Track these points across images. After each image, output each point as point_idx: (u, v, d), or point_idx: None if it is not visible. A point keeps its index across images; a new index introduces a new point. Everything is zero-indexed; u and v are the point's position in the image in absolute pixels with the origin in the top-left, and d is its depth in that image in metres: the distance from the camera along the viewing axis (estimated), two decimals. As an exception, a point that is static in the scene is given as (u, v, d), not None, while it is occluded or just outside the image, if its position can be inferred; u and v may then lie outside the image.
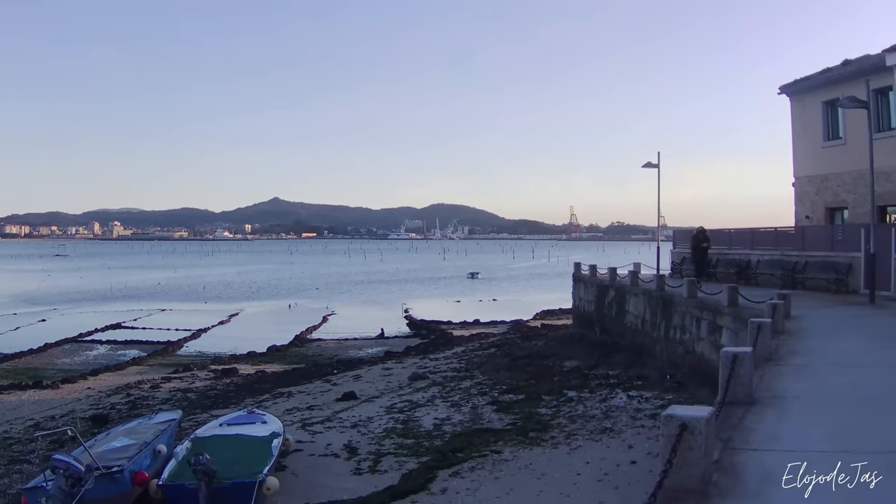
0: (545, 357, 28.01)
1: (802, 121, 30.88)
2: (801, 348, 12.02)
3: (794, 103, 31.62)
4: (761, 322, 10.59)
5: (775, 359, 10.67)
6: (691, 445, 5.38)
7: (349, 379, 28.19)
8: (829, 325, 15.89)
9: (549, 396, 21.66)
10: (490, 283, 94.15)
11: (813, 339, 13.29)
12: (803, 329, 14.60)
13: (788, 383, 9.20)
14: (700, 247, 28.36)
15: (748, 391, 8.07)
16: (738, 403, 7.88)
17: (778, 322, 13.41)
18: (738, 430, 7.05)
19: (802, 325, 15.34)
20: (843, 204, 28.73)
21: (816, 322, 16.04)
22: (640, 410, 19.14)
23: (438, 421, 19.83)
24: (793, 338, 13.23)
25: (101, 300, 73.08)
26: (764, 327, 10.43)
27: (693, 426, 5.38)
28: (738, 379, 7.89)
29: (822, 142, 29.68)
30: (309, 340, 45.35)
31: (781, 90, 31.91)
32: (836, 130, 29.23)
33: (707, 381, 19.80)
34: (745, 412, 7.66)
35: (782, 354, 11.14)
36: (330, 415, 21.74)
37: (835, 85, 28.39)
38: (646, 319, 25.71)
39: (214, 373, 32.95)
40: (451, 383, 25.16)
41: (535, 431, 17.89)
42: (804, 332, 14.31)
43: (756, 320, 10.81)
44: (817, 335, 13.96)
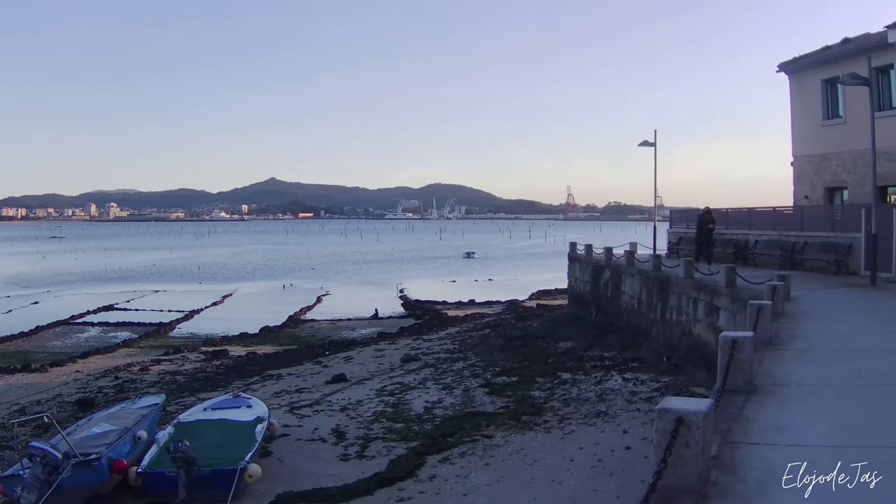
0: (540, 338, 27.59)
1: (801, 99, 30.31)
2: (801, 332, 11.56)
3: (793, 81, 31.02)
4: (761, 304, 10.12)
5: (776, 343, 10.21)
6: (688, 442, 4.91)
7: (340, 361, 27.76)
8: (830, 307, 15.45)
9: (542, 379, 21.25)
10: (486, 262, 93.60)
11: (814, 323, 12.84)
12: (804, 311, 14.16)
13: (790, 369, 8.74)
14: (706, 228, 27.05)
15: (748, 378, 7.61)
16: (737, 391, 7.43)
17: (778, 304, 12.95)
18: (737, 421, 6.59)
19: (803, 307, 14.89)
20: (843, 184, 28.23)
21: (817, 304, 15.60)
22: (635, 394, 18.72)
23: (429, 404, 19.42)
24: (793, 321, 12.77)
25: (94, 282, 72.42)
26: (764, 310, 9.96)
27: (690, 421, 4.91)
28: (738, 365, 7.43)
29: (821, 120, 29.13)
30: (302, 321, 44.86)
31: (780, 68, 31.31)
32: (835, 109, 28.68)
33: (704, 363, 19.41)
34: (744, 401, 7.20)
35: (783, 338, 10.68)
36: (319, 398, 21.32)
37: (834, 63, 27.81)
38: (642, 300, 25.28)
39: (205, 355, 32.48)
40: (444, 365, 24.74)
41: (528, 415, 17.48)
42: (805, 314, 13.86)
43: (756, 302, 10.34)
44: (818, 318, 13.51)
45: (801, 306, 15.05)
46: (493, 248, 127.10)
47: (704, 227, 27.04)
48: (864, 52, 24.71)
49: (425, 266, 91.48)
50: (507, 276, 72.84)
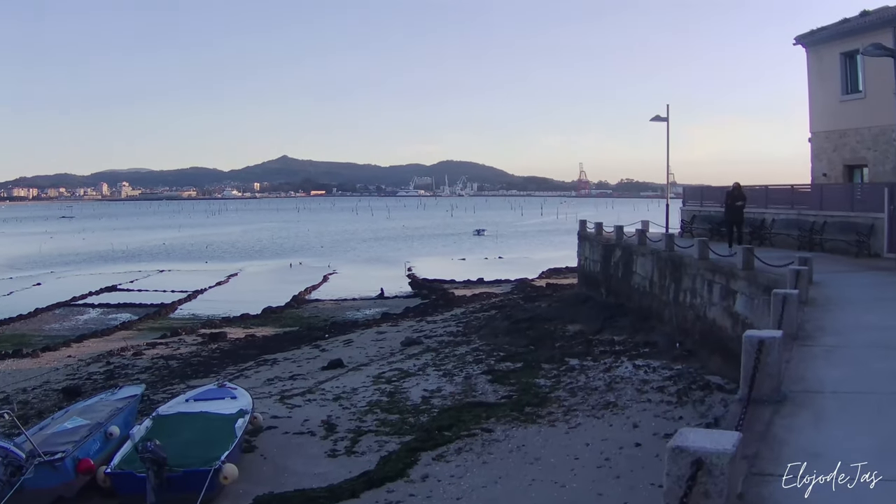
0: (547, 320, 26.45)
1: (819, 73, 28.81)
2: (830, 323, 10.33)
3: (810, 55, 29.49)
4: (787, 294, 8.91)
5: (802, 337, 9.00)
6: (708, 490, 3.74)
7: (339, 344, 26.74)
8: (857, 293, 14.15)
9: (549, 365, 20.13)
10: (496, 240, 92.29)
11: (842, 312, 11.58)
12: (829, 298, 12.88)
13: (822, 371, 7.55)
14: (734, 205, 24.02)
15: (775, 384, 6.44)
16: (764, 402, 6.26)
17: (803, 292, 11.74)
18: (766, 443, 5.42)
19: (827, 293, 13.62)
20: (863, 161, 26.83)
21: (842, 290, 14.29)
22: (646, 382, 17.58)
23: (427, 393, 18.36)
24: (819, 309, 11.53)
25: (99, 262, 71.64)
26: (790, 301, 8.74)
27: (712, 465, 3.74)
28: (765, 370, 6.26)
29: (839, 95, 27.66)
30: (306, 301, 43.97)
31: (797, 41, 29.78)
32: (854, 83, 27.21)
33: (719, 349, 18.25)
34: (773, 414, 6.03)
35: (810, 331, 9.47)
36: (312, 385, 20.30)
37: (853, 36, 26.33)
38: (654, 281, 24.04)
39: (203, 337, 31.60)
40: (446, 349, 23.67)
41: (532, 406, 16.40)
42: (831, 302, 12.59)
43: (781, 292, 9.11)
44: (846, 306, 12.24)
45: (825, 291, 13.78)
46: (505, 226, 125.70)
47: (733, 204, 24.16)
48: (885, 24, 23.55)
49: (435, 244, 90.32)
50: (517, 254, 71.67)
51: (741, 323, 17.17)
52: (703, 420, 14.31)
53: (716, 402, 15.51)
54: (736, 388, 16.73)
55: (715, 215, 29.82)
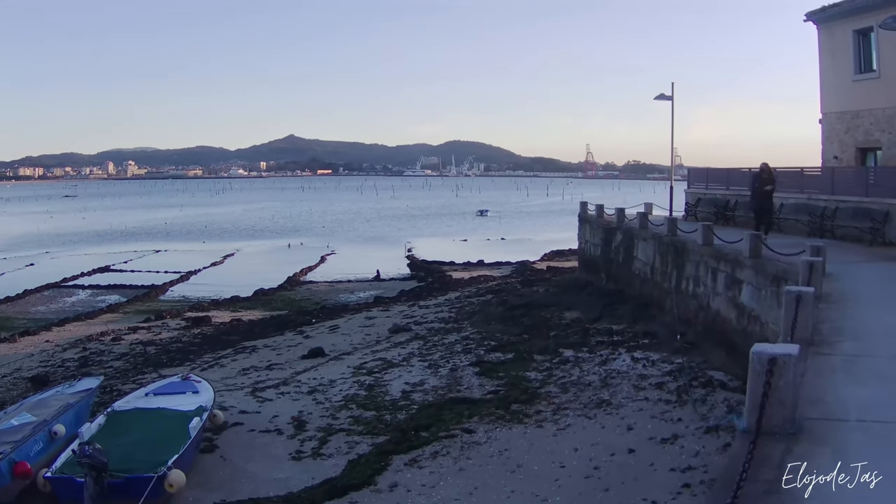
0: (544, 307, 25.16)
1: (831, 51, 27.29)
2: (848, 324, 9.02)
3: (821, 32, 27.92)
4: (801, 293, 7.58)
5: (818, 343, 7.70)
6: None
7: (325, 331, 25.53)
8: (876, 288, 12.77)
9: (541, 356, 18.88)
10: (500, 221, 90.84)
11: (861, 310, 10.25)
12: (845, 294, 11.55)
13: (844, 390, 6.26)
14: (762, 190, 20.86)
15: (789, 413, 5.13)
16: (775, 434, 4.96)
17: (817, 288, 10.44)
18: (776, 498, 4.12)
19: (842, 287, 12.27)
20: (876, 144, 25.39)
21: (859, 283, 12.93)
22: (644, 378, 16.30)
23: (409, 387, 17.14)
24: (834, 307, 10.22)
25: (97, 241, 70.57)
26: (805, 300, 7.43)
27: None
28: (777, 395, 4.94)
29: (852, 74, 26.16)
30: (300, 283, 42.91)
31: (808, 17, 28.22)
32: (868, 62, 25.72)
33: (723, 342, 16.98)
34: (785, 453, 4.75)
35: (826, 335, 8.17)
36: (289, 376, 19.13)
37: (867, 11, 24.84)
38: (655, 268, 22.71)
39: (187, 321, 30.52)
40: (435, 337, 22.44)
41: (520, 403, 15.17)
42: (847, 297, 11.26)
43: (794, 290, 7.76)
44: (864, 303, 10.90)
45: (840, 285, 12.42)
46: (510, 206, 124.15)
47: (761, 188, 20.92)
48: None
49: (438, 224, 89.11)
50: (520, 236, 70.40)
51: (747, 316, 15.88)
52: (704, 424, 13.04)
53: (718, 401, 14.24)
54: (740, 387, 15.53)
55: (720, 198, 28.41)
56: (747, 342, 16.00)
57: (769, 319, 14.49)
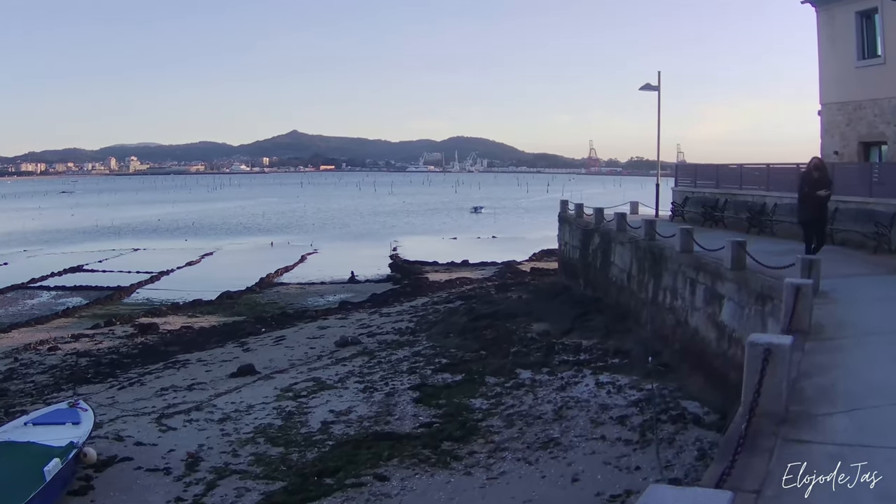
0: (511, 317, 22.72)
1: (830, 35, 24.74)
2: (843, 379, 6.48)
3: (820, 14, 25.35)
4: (770, 347, 5.04)
5: (794, 419, 5.20)
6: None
7: (269, 342, 23.18)
8: (881, 314, 9.91)
9: (495, 378, 16.47)
10: (494, 218, 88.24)
11: (862, 352, 7.64)
12: (842, 323, 8.97)
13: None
14: (814, 196, 14.63)
15: None
16: None
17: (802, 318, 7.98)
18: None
19: (838, 312, 9.67)
20: (881, 138, 22.80)
21: (860, 308, 10.26)
22: (605, 409, 13.87)
23: (332, 416, 14.78)
24: (826, 346, 7.71)
25: (79, 239, 68.28)
26: (777, 357, 4.97)
27: None
28: None
29: (854, 61, 23.60)
30: (272, 285, 40.67)
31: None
32: (872, 47, 23.17)
33: (701, 365, 14.57)
34: None
35: (809, 402, 5.67)
36: (206, 399, 16.78)
37: (871, -9, 22.36)
38: (632, 275, 20.25)
39: (136, 328, 28.28)
40: (384, 352, 20.04)
41: (452, 441, 12.76)
42: (843, 329, 8.70)
43: (761, 341, 5.16)
44: (867, 339, 8.26)
45: (835, 310, 9.82)
46: (508, 203, 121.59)
47: (812, 192, 14.66)
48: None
49: (431, 221, 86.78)
50: (512, 234, 68.03)
51: (728, 337, 13.45)
52: (667, 474, 10.62)
53: (688, 443, 11.82)
54: (716, 423, 13.09)
55: (709, 197, 25.84)
56: (728, 368, 13.61)
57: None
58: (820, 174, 15.04)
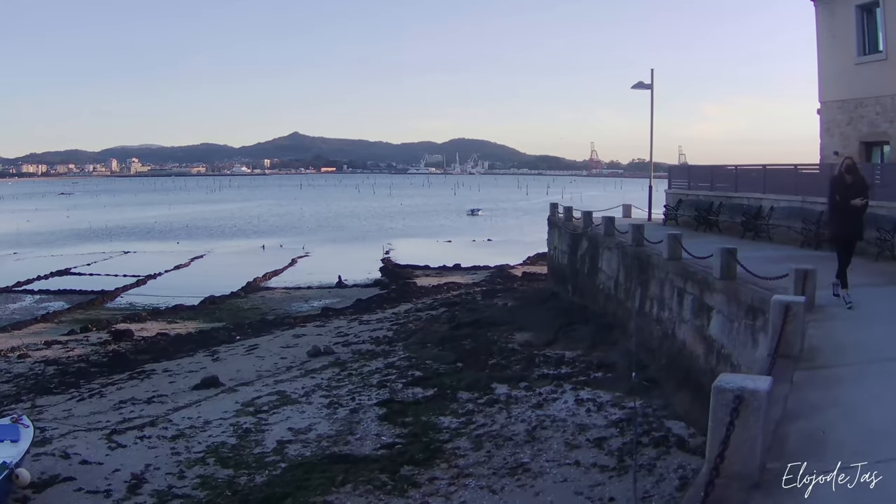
0: (494, 325, 21.66)
1: (830, 30, 23.67)
2: (836, 421, 5.25)
3: (819, 9, 24.29)
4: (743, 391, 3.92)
5: (769, 484, 4.15)
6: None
7: (241, 351, 22.12)
8: (885, 334, 8.54)
9: (468, 393, 15.42)
10: (491, 220, 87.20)
11: (861, 387, 6.34)
12: (839, 347, 7.81)
13: None
14: (848, 207, 11.69)
15: None
16: None
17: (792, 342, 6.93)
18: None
19: (836, 333, 8.53)
20: (883, 137, 21.66)
21: (861, 325, 9.08)
22: (583, 429, 12.81)
23: (291, 434, 13.74)
24: (819, 376, 6.58)
25: (70, 242, 67.17)
26: (751, 404, 3.93)
27: None
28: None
29: (855, 56, 22.50)
30: (257, 289, 39.62)
31: (804, -7, 24.61)
32: (874, 42, 22.07)
33: (688, 382, 13.51)
34: None
35: (793, 451, 4.60)
36: (162, 414, 15.76)
37: (873, -17, 21.30)
38: (619, 282, 19.19)
39: (111, 335, 27.31)
40: (356, 364, 18.98)
41: (413, 465, 11.73)
42: (841, 355, 7.48)
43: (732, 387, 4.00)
44: (868, 369, 7.03)
45: (833, 329, 8.71)
46: (507, 205, 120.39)
47: (844, 200, 11.67)
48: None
49: (427, 223, 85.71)
50: (508, 237, 66.94)
51: (716, 353, 12.39)
52: (643, 507, 9.57)
53: (670, 470, 10.77)
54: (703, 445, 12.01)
55: (703, 200, 24.75)
56: (715, 386, 12.58)
57: (742, 361, 11.04)
58: (854, 178, 11.87)
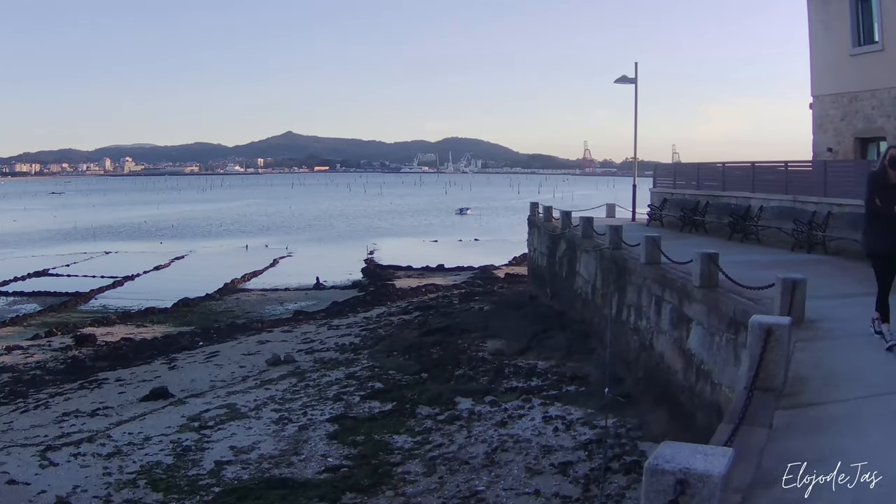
0: (465, 332, 20.49)
1: (823, 19, 22.55)
2: (825, 492, 4.18)
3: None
4: (687, 475, 2.87)
5: None
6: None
7: (201, 358, 20.95)
8: (887, 358, 7.17)
9: (428, 408, 14.27)
10: (479, 220, 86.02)
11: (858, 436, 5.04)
12: (831, 377, 6.49)
13: None
14: (891, 215, 7.60)
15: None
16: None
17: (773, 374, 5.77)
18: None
19: (827, 357, 7.24)
20: (880, 133, 20.51)
21: (857, 346, 7.67)
22: (548, 452, 11.66)
23: (232, 454, 12.59)
24: (805, 418, 5.24)
25: (53, 242, 65.82)
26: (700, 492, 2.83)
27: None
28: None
29: (850, 47, 21.34)
30: (234, 291, 38.45)
31: (796, -18, 23.49)
32: (869, 32, 20.92)
33: (665, 399, 12.39)
34: None
35: None
36: (103, 428, 14.63)
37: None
38: (596, 287, 18.04)
39: (75, 339, 26.17)
40: (316, 373, 17.81)
41: (357, 491, 10.57)
42: (833, 387, 6.14)
43: (673, 468, 2.94)
44: (865, 409, 5.66)
45: (825, 352, 7.45)
46: (498, 203, 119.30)
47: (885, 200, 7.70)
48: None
49: (415, 223, 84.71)
50: (496, 236, 66.02)
51: (696, 369, 11.25)
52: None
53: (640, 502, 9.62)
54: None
55: (689, 199, 23.60)
56: (694, 407, 11.43)
57: (723, 380, 9.92)
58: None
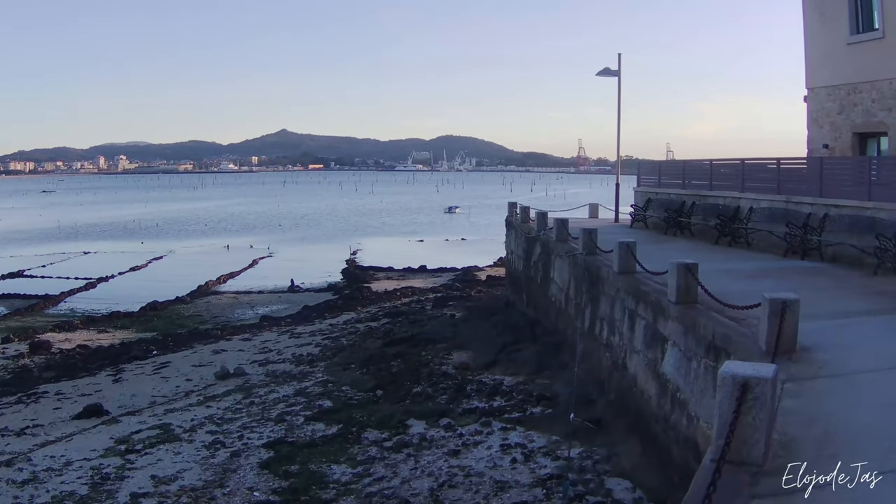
0: (430, 342, 19.05)
1: (819, 7, 21.09)
2: None
3: (806, -16, 21.79)
4: None
5: None
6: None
7: (149, 370, 19.52)
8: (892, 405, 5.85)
9: (377, 432, 12.83)
10: (468, 218, 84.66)
11: None
12: (828, 437, 4.98)
13: None
14: None
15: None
16: None
17: (751, 446, 4.30)
18: None
19: (820, 406, 5.72)
20: (880, 127, 19.06)
21: (858, 387, 6.28)
22: (501, 488, 10.23)
23: (152, 483, 11.24)
24: None
25: (33, 242, 64.39)
26: None
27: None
28: None
29: (847, 36, 19.85)
30: (206, 293, 37.04)
31: (790, -34, 22.07)
32: (868, 19, 19.41)
33: (639, 427, 10.97)
34: None
35: None
36: (25, 450, 13.24)
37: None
38: (569, 296, 16.57)
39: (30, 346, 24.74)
40: (264, 388, 16.37)
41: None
42: (832, 457, 4.58)
43: None
44: (875, 490, 4.17)
45: (818, 398, 5.94)
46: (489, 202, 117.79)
47: None
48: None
49: (403, 222, 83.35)
50: (483, 235, 64.44)
51: (670, 397, 9.80)
52: None
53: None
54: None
55: (674, 199, 22.09)
56: (669, 440, 9.99)
57: (701, 413, 8.49)
58: None
